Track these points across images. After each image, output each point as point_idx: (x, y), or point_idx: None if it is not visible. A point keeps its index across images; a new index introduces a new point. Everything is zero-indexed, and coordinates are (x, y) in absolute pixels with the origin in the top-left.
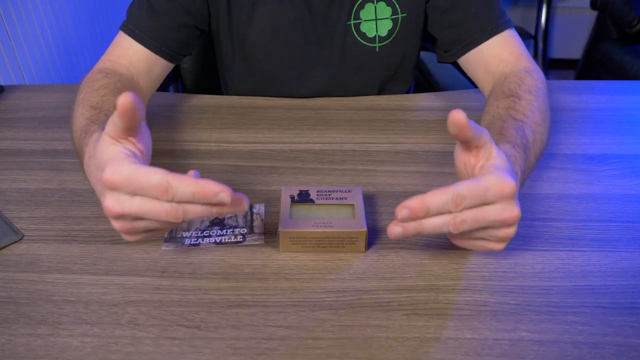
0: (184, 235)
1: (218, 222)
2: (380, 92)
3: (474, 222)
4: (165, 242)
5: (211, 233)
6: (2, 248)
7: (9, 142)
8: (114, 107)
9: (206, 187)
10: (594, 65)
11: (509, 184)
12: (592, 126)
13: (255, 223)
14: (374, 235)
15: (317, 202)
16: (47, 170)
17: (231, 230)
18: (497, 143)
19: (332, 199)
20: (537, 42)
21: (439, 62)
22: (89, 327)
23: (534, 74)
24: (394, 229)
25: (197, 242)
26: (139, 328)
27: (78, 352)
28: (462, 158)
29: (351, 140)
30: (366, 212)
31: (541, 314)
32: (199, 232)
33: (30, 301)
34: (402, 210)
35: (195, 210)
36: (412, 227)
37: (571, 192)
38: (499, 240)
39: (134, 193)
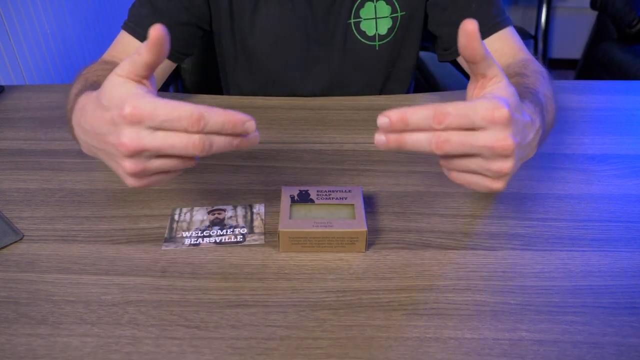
0: (184, 235)
1: (218, 222)
2: (381, 90)
3: (459, 144)
4: (165, 242)
5: (211, 233)
6: (2, 248)
7: (9, 142)
8: None
9: (235, 115)
10: (594, 65)
11: (500, 109)
12: (592, 126)
13: (255, 223)
14: (374, 235)
15: (317, 202)
16: (47, 170)
17: (231, 230)
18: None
19: (332, 199)
20: (537, 42)
21: (440, 61)
22: (89, 327)
23: (535, 63)
24: (379, 138)
25: (197, 242)
26: (139, 328)
27: (78, 352)
28: (471, 91)
29: (351, 140)
30: (366, 212)
31: (541, 314)
32: (199, 232)
33: (31, 301)
34: (382, 118)
35: (220, 142)
36: (393, 139)
37: (571, 192)
38: (495, 175)
39: (158, 127)
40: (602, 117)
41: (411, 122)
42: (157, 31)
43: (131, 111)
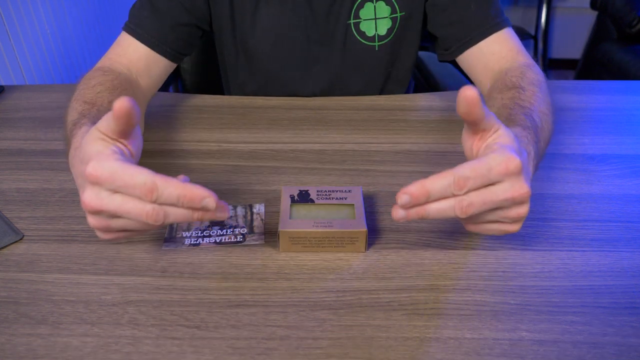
0: (184, 235)
1: (218, 222)
2: (381, 90)
3: (482, 204)
4: (165, 242)
5: (211, 233)
6: (2, 248)
7: (9, 142)
8: (109, 103)
9: (193, 190)
10: (594, 65)
11: (513, 161)
12: (592, 126)
13: (255, 223)
14: (374, 235)
15: (317, 202)
16: (47, 170)
17: (231, 230)
18: (509, 126)
19: (332, 199)
20: (537, 42)
21: (440, 60)
22: (89, 327)
23: (534, 69)
24: (398, 212)
25: (197, 242)
26: (139, 328)
27: (78, 351)
28: (469, 142)
29: (351, 140)
30: (366, 212)
31: (541, 314)
32: (199, 232)
33: (31, 301)
34: (402, 196)
35: (177, 214)
36: (414, 212)
37: (571, 192)
38: (513, 220)
39: (115, 190)
40: (602, 117)
41: (433, 194)
42: (120, 106)
43: (91, 172)
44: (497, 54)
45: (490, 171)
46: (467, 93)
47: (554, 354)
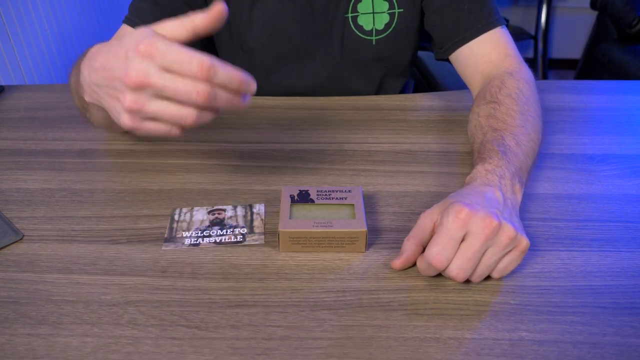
0: (184, 235)
1: (218, 222)
2: (379, 85)
3: (469, 261)
4: (165, 242)
5: (211, 233)
6: (2, 248)
7: (9, 142)
8: None
9: (242, 74)
10: (594, 65)
11: (461, 210)
12: (592, 126)
13: (255, 223)
14: (374, 235)
15: (317, 202)
16: (47, 170)
17: (231, 230)
18: (475, 164)
19: (332, 199)
20: (537, 42)
21: (436, 59)
22: (89, 327)
23: (517, 75)
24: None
25: (197, 242)
26: (139, 328)
27: (78, 352)
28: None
29: (351, 140)
30: (366, 212)
31: (541, 314)
32: (199, 232)
33: (30, 301)
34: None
35: (223, 97)
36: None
37: (571, 192)
38: (510, 246)
39: (168, 67)
40: (602, 117)
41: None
42: (221, 9)
43: (145, 47)
44: (486, 56)
45: (451, 232)
46: (395, 266)
47: (554, 354)
